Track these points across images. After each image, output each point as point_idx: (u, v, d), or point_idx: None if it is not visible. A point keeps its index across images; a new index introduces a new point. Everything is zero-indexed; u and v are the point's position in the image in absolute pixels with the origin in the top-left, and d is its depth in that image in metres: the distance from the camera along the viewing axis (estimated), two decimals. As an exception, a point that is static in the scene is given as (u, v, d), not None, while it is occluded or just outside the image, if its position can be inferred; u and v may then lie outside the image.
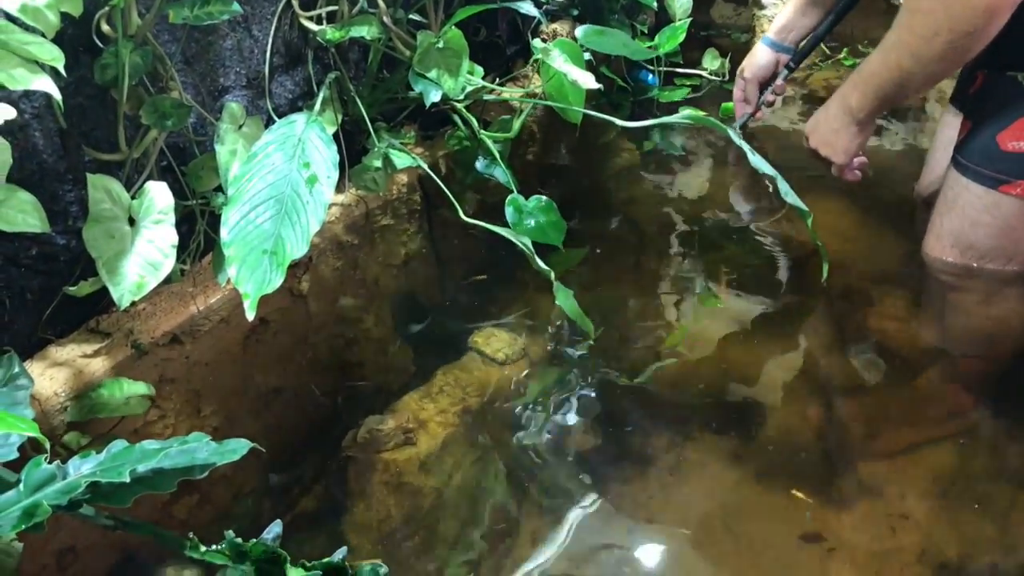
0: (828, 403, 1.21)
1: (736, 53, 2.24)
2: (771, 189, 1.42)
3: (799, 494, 1.07)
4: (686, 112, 1.29)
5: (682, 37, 2.07)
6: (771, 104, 1.82)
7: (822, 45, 2.37)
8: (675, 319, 1.39)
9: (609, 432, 1.17)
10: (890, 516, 1.04)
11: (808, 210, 1.26)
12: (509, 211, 1.34)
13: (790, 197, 1.25)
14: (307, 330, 1.19)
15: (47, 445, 0.63)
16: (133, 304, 0.94)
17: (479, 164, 1.43)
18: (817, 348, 1.33)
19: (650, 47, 2.05)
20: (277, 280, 0.89)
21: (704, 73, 2.19)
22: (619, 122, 1.32)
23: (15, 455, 0.71)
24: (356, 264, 1.26)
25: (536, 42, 1.36)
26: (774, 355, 1.30)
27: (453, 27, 1.23)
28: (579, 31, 1.44)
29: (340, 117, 1.22)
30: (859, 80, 1.30)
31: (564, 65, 1.30)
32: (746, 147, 1.24)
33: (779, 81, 1.74)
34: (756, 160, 1.24)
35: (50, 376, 0.90)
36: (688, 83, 2.18)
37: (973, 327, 1.39)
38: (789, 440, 1.15)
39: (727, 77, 2.19)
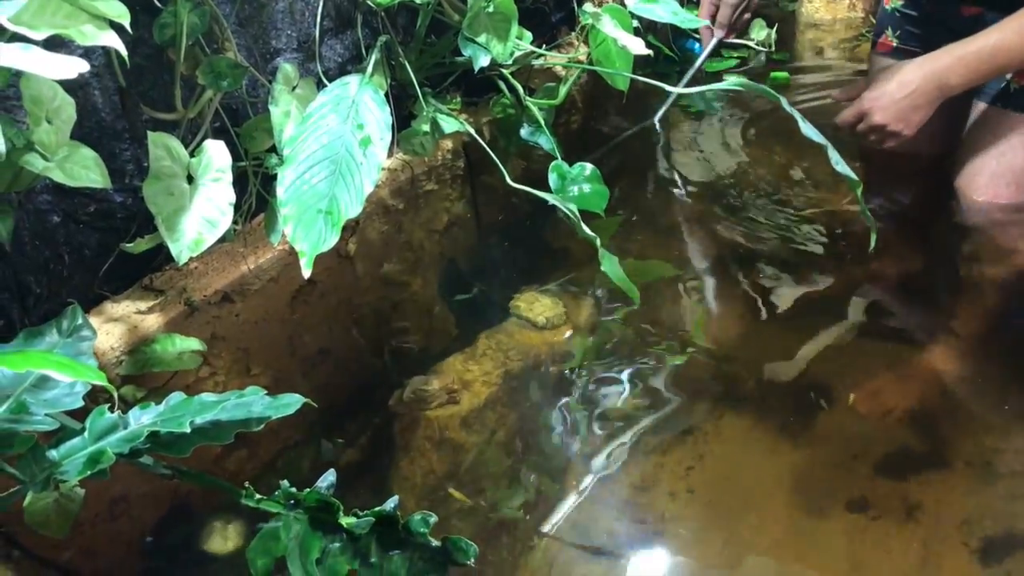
0: (875, 372, 1.20)
1: (783, 23, 2.21)
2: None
3: (848, 462, 1.07)
4: (735, 79, 1.27)
5: (730, 6, 2.03)
6: (751, 20, 1.73)
7: (870, 16, 2.33)
8: (717, 289, 1.39)
9: (649, 400, 1.17)
10: (933, 487, 1.03)
11: (858, 180, 1.25)
12: (553, 177, 1.33)
13: (840, 166, 1.23)
14: (353, 292, 1.20)
15: (115, 392, 0.65)
16: (186, 262, 0.96)
17: (524, 131, 1.43)
18: (862, 317, 1.32)
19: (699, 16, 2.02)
20: (332, 239, 0.91)
21: (751, 43, 2.16)
22: (668, 87, 1.31)
23: (80, 403, 0.74)
24: (401, 228, 1.27)
25: (587, 6, 1.35)
26: (819, 325, 1.29)
27: (503, -9, 1.23)
28: (630, -1, 1.43)
29: (388, 82, 1.22)
30: (974, 58, 1.26)
31: (614, 30, 1.29)
32: (797, 114, 1.22)
33: None
34: (806, 128, 1.22)
35: (106, 331, 0.93)
36: (735, 54, 2.15)
37: None
38: (833, 410, 1.14)
39: (774, 48, 2.16)
